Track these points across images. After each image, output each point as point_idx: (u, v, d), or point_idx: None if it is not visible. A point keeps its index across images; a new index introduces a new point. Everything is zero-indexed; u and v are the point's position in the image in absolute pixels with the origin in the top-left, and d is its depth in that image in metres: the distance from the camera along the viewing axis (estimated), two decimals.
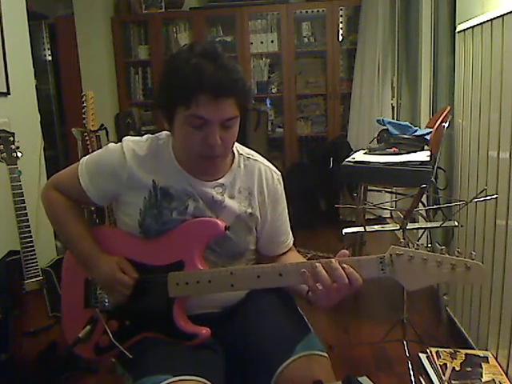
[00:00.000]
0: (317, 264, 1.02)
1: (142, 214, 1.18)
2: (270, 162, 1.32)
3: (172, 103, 1.09)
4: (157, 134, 1.24)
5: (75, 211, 1.27)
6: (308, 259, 1.20)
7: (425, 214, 2.42)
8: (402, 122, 2.61)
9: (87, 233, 1.24)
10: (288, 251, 1.33)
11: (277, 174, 1.30)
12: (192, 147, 1.11)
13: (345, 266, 1.01)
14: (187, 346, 1.12)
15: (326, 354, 1.12)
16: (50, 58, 4.62)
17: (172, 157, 1.20)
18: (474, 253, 0.97)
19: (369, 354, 2.14)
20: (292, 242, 1.35)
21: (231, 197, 1.22)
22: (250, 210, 1.23)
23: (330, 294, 1.01)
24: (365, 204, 2.51)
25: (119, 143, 1.22)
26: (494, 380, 1.71)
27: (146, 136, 1.25)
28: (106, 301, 1.20)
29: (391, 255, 1.01)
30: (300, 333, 1.14)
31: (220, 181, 1.21)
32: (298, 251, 1.38)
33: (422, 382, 1.82)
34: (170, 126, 1.15)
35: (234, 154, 1.25)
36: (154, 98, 1.17)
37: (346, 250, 1.04)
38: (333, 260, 1.02)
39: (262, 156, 1.32)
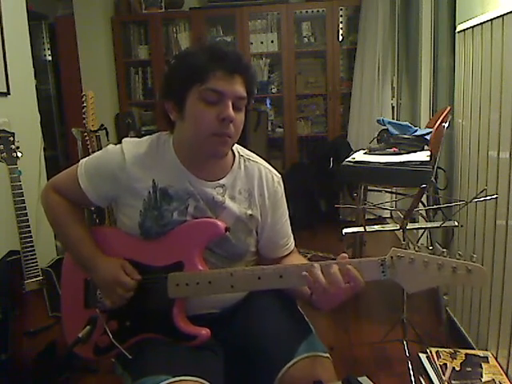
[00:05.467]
0: (315, 265, 1.02)
1: (142, 216, 1.18)
2: (270, 163, 1.31)
3: (186, 83, 1.11)
4: (157, 134, 1.24)
5: (75, 213, 1.26)
6: (308, 259, 1.20)
7: (425, 214, 2.42)
8: (402, 122, 2.61)
9: (86, 235, 1.23)
10: (290, 254, 1.33)
11: (277, 177, 1.30)
12: (205, 125, 1.10)
13: (349, 267, 1.01)
14: (187, 347, 1.12)
15: (329, 355, 1.12)
16: (50, 58, 4.63)
17: (173, 155, 1.19)
18: (475, 255, 0.97)
19: (369, 354, 2.14)
20: (293, 245, 1.34)
21: (232, 198, 1.21)
22: (250, 212, 1.23)
23: (328, 297, 1.01)
24: (365, 204, 2.51)
25: (119, 145, 1.22)
26: (493, 380, 1.71)
27: (145, 137, 1.24)
28: (106, 302, 1.20)
29: (392, 257, 1.01)
30: (302, 334, 1.14)
31: (221, 181, 1.21)
32: (299, 251, 1.37)
33: (422, 382, 1.82)
34: (179, 111, 1.13)
35: (234, 154, 1.25)
36: (162, 91, 1.17)
37: (345, 254, 1.04)
38: (333, 264, 1.02)
39: (262, 157, 1.31)
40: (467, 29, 2.01)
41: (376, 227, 2.16)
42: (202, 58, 1.10)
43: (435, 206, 2.24)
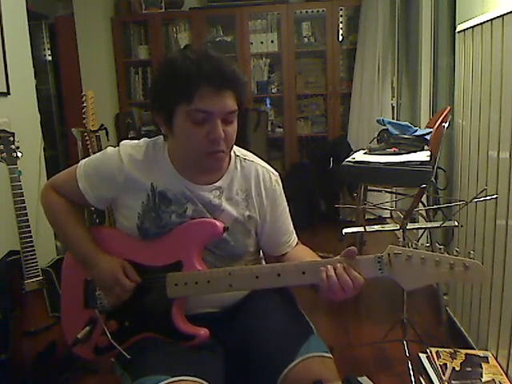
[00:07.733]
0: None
1: (140, 218, 1.18)
2: (269, 162, 1.31)
3: (172, 102, 1.08)
4: (153, 139, 1.24)
5: (74, 213, 1.26)
6: None
7: (425, 214, 2.42)
8: (402, 122, 2.61)
9: (86, 233, 1.24)
10: (293, 250, 1.32)
11: (274, 175, 1.29)
12: (196, 145, 1.10)
13: (345, 266, 1.01)
14: (186, 347, 1.12)
15: (331, 355, 1.12)
16: (50, 58, 4.63)
17: (168, 162, 1.19)
18: (472, 252, 0.97)
19: (369, 354, 2.14)
20: (295, 241, 1.34)
21: (229, 199, 1.21)
22: (247, 213, 1.23)
23: (336, 292, 1.02)
24: (365, 204, 2.51)
25: (116, 147, 1.22)
26: (493, 380, 1.71)
27: (142, 140, 1.24)
28: (105, 301, 1.20)
29: (389, 255, 1.01)
30: (303, 335, 1.14)
31: (217, 184, 1.21)
32: None
33: (422, 382, 1.82)
34: (168, 128, 1.13)
35: (230, 155, 1.24)
36: (151, 103, 1.17)
37: (354, 247, 1.04)
38: (335, 259, 1.03)
39: (261, 157, 1.31)
40: (467, 29, 2.01)
41: (376, 227, 2.16)
42: (188, 73, 1.05)
43: (435, 206, 2.24)
